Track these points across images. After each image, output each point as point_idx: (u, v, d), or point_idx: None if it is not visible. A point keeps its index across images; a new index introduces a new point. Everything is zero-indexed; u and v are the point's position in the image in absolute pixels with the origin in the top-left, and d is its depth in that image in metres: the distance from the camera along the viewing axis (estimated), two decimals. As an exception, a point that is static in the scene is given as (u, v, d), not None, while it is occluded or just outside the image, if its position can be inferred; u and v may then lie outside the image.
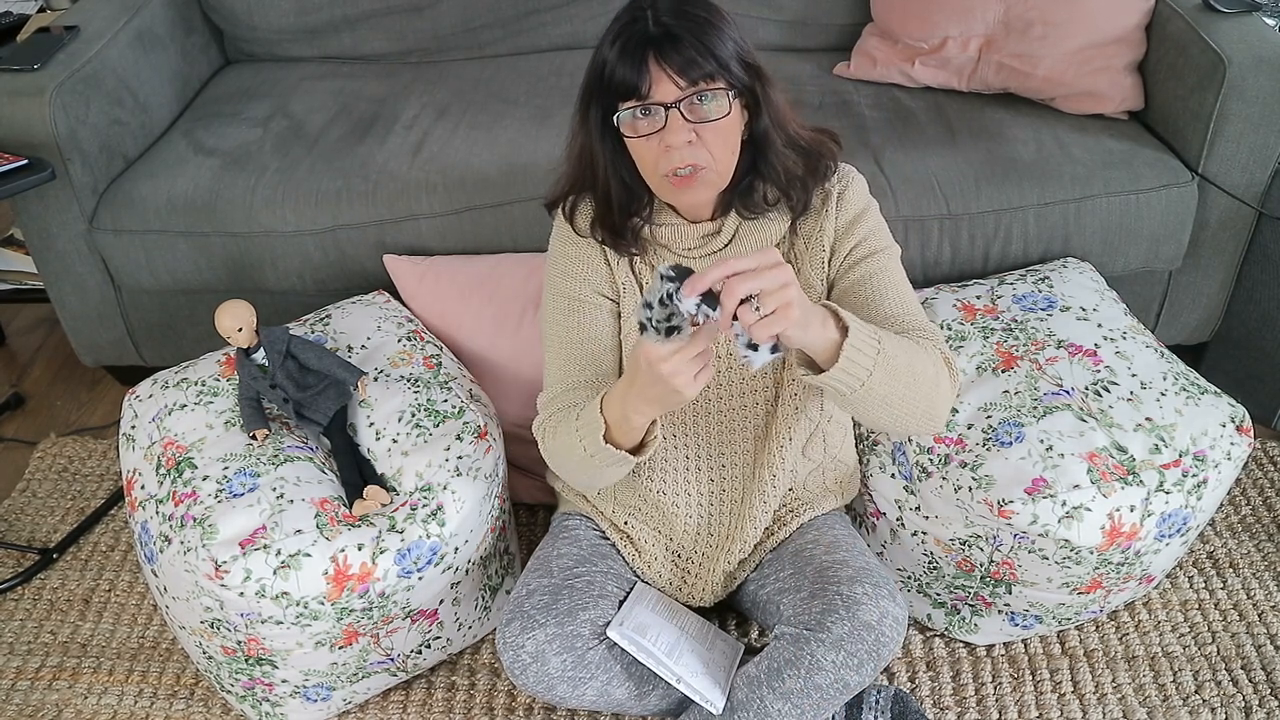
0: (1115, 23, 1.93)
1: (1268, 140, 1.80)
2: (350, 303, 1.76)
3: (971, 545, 1.49)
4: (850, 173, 1.37)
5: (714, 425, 1.42)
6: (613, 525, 1.50)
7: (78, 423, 2.19)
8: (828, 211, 1.34)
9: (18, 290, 2.33)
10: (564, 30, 2.30)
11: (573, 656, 1.31)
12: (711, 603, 1.52)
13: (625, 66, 1.18)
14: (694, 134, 1.19)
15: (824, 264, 1.34)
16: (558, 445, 1.32)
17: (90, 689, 1.65)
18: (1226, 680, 1.58)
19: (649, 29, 1.17)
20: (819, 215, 1.34)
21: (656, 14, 1.18)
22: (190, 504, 1.40)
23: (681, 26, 1.17)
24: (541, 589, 1.37)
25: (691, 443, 1.43)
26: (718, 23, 1.19)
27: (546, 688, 1.32)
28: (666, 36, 1.17)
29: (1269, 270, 1.91)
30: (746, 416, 1.41)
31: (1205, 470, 1.46)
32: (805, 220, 1.35)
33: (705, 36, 1.17)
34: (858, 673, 1.26)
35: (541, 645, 1.30)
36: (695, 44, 1.17)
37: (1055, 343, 1.60)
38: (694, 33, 1.17)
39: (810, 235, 1.35)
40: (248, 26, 2.29)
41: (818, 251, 1.34)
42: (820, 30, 2.25)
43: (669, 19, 1.18)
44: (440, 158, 1.91)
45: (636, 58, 1.17)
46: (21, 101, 1.81)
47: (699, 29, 1.18)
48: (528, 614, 1.33)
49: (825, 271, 1.35)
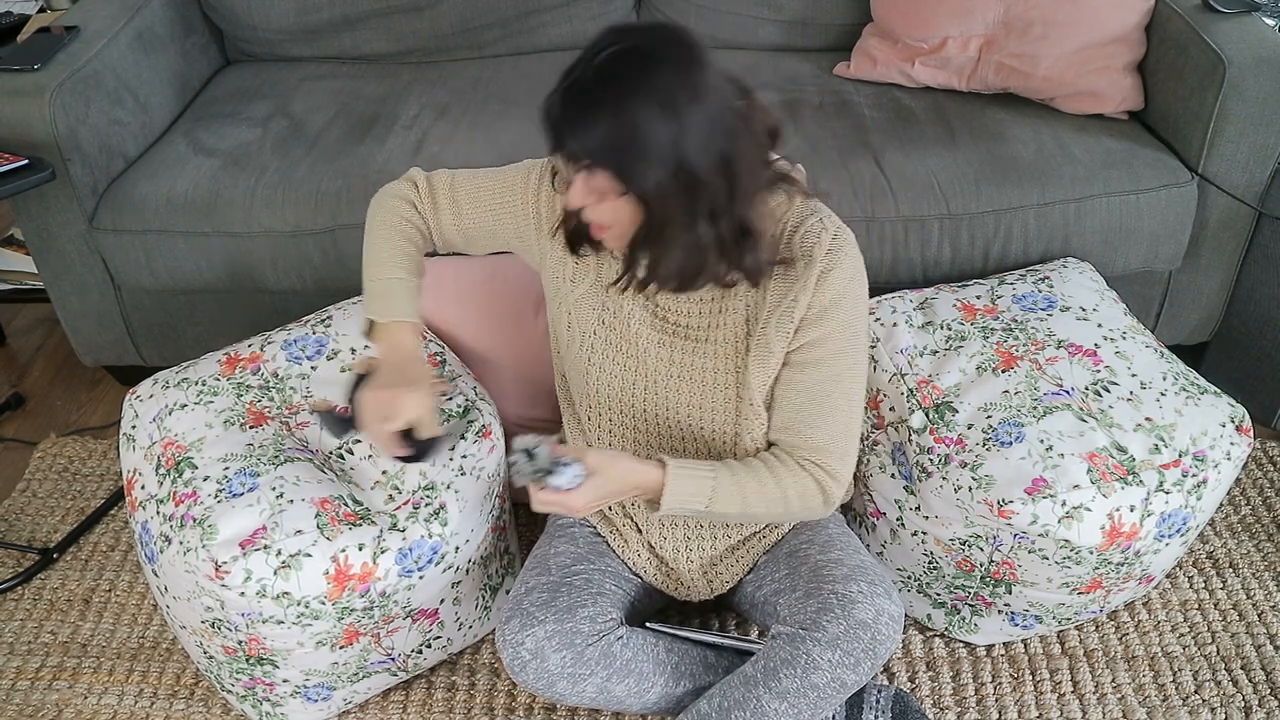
0: (1115, 23, 1.93)
1: (1268, 140, 1.80)
2: (350, 303, 1.76)
3: (971, 545, 1.49)
4: (841, 246, 1.26)
5: (671, 428, 1.41)
6: (602, 516, 1.51)
7: (78, 423, 2.19)
8: (805, 284, 1.25)
9: (18, 290, 2.33)
10: (564, 30, 2.30)
11: (572, 653, 1.32)
12: (699, 599, 1.53)
13: (551, 106, 1.10)
14: (593, 199, 1.15)
15: (789, 335, 1.27)
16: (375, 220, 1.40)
17: (90, 689, 1.65)
18: (1226, 680, 1.58)
19: (576, 76, 1.09)
20: (793, 281, 1.26)
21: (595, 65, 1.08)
22: (190, 504, 1.40)
23: (597, 94, 1.08)
24: (540, 586, 1.37)
25: (643, 440, 1.43)
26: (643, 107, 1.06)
27: (546, 685, 1.32)
28: (582, 93, 1.09)
29: (1269, 270, 1.91)
30: (704, 420, 1.38)
31: (1205, 470, 1.46)
32: (781, 272, 1.27)
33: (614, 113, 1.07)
34: (854, 671, 1.26)
35: (541, 642, 1.31)
36: (596, 120, 1.08)
37: (1055, 343, 1.60)
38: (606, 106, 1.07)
39: (781, 298, 1.27)
40: (248, 26, 2.29)
41: (786, 321, 1.26)
42: (820, 30, 2.25)
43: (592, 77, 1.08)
44: (440, 158, 1.91)
45: (557, 104, 1.10)
46: (21, 101, 1.81)
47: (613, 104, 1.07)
48: (527, 611, 1.33)
49: (788, 343, 1.28)
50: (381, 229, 1.39)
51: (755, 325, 1.30)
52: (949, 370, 1.59)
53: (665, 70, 1.08)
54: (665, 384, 1.37)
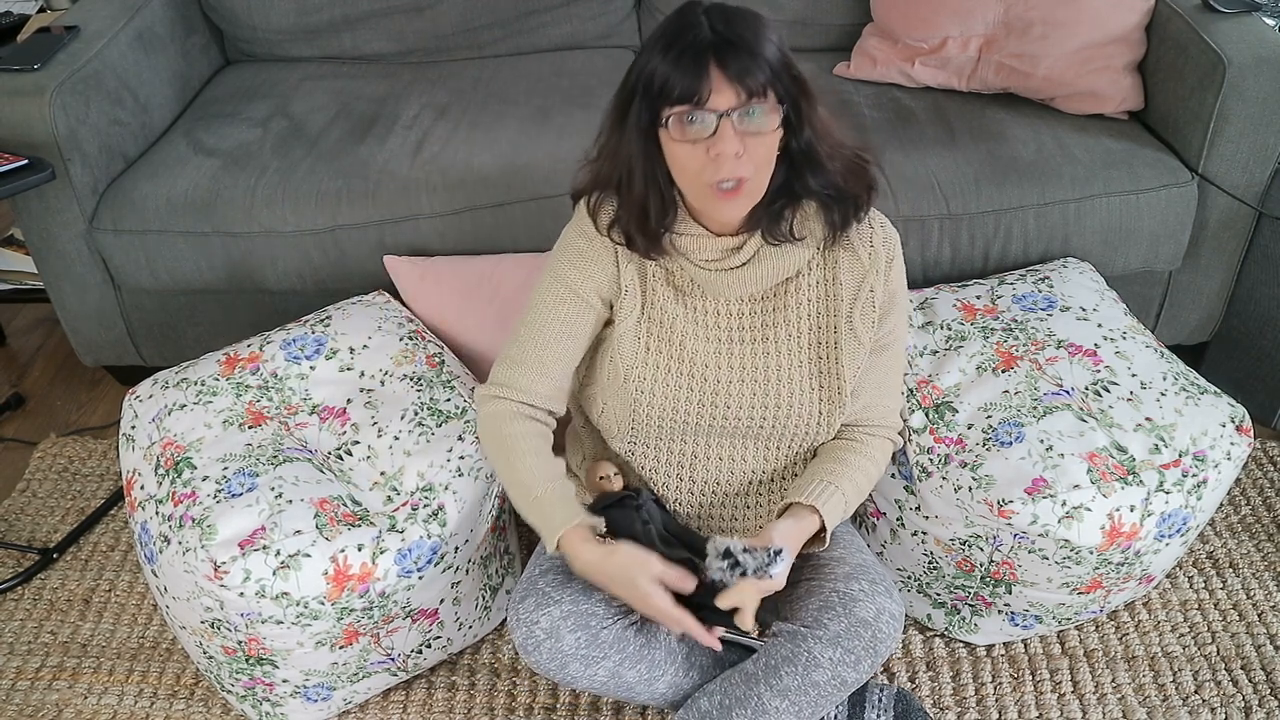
0: (1115, 23, 1.93)
1: (1268, 140, 1.80)
2: (350, 303, 1.76)
3: (971, 545, 1.49)
4: (889, 231, 1.37)
5: (744, 433, 1.40)
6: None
7: (78, 423, 2.19)
8: (878, 271, 1.34)
9: (18, 290, 2.33)
10: (564, 30, 2.30)
11: (587, 634, 1.30)
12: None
13: (683, 70, 1.16)
14: (741, 145, 1.19)
15: (874, 323, 1.35)
16: (487, 439, 1.39)
17: (90, 689, 1.65)
18: (1226, 680, 1.58)
19: (706, 35, 1.17)
20: (866, 271, 1.34)
21: (711, 21, 1.18)
22: (189, 504, 1.40)
23: (737, 35, 1.17)
24: (555, 567, 1.35)
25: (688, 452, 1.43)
26: (770, 35, 1.20)
27: (559, 665, 1.30)
28: (725, 43, 1.16)
29: (1269, 270, 1.91)
30: (780, 419, 1.38)
31: (1205, 470, 1.46)
32: (847, 264, 1.34)
33: (760, 47, 1.17)
34: (855, 669, 1.26)
35: (556, 622, 1.29)
36: (751, 54, 1.16)
37: (1055, 343, 1.60)
38: (750, 43, 1.17)
39: (860, 287, 1.34)
40: (248, 26, 2.29)
41: (869, 309, 1.35)
42: (820, 30, 2.25)
43: (723, 27, 1.17)
44: (440, 158, 1.91)
45: (697, 63, 1.16)
46: (21, 101, 1.81)
47: (754, 39, 1.17)
48: (542, 591, 1.32)
49: (874, 332, 1.36)
50: (500, 456, 1.36)
51: (834, 318, 1.34)
52: (949, 370, 1.59)
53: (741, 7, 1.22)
54: (727, 389, 1.36)
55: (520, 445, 1.35)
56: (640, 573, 1.24)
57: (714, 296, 1.34)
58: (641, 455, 1.43)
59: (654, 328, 1.35)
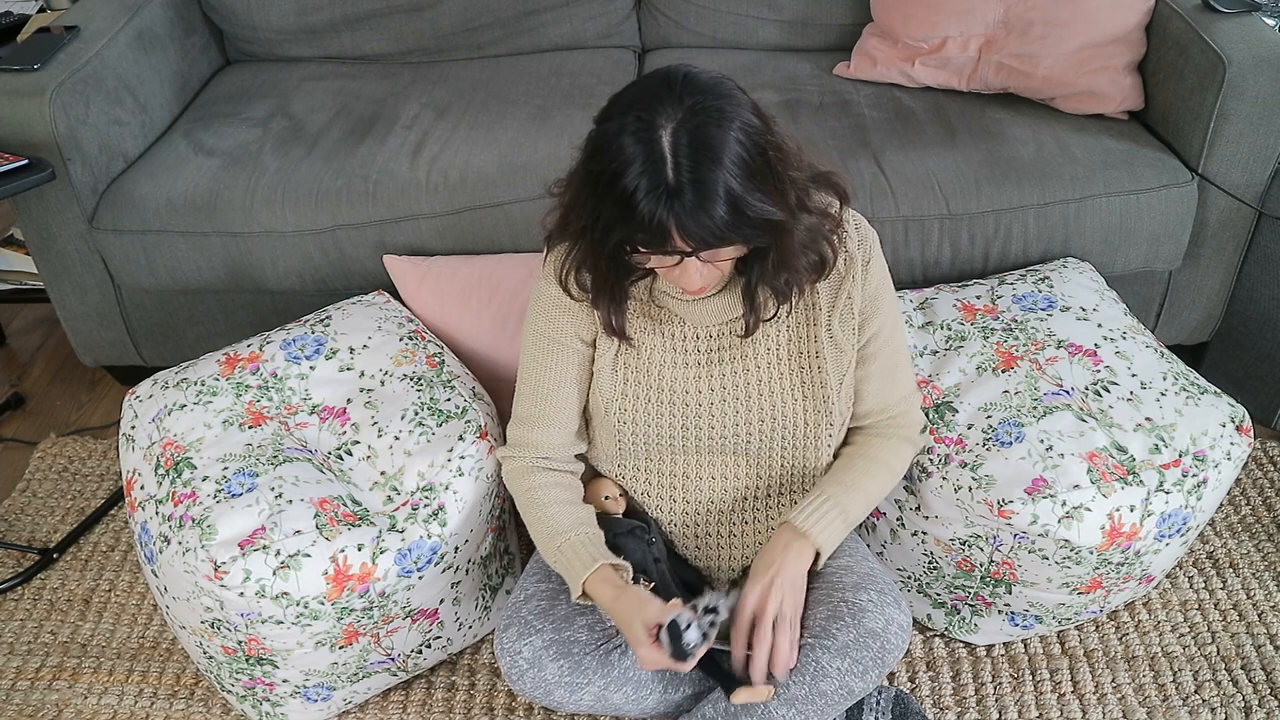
0: (1115, 23, 1.93)
1: (1268, 140, 1.80)
2: (350, 303, 1.76)
3: (971, 545, 1.49)
4: (863, 231, 1.33)
5: (731, 451, 1.40)
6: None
7: (78, 423, 2.19)
8: (854, 277, 1.31)
9: (18, 290, 2.33)
10: (564, 30, 2.30)
11: (569, 662, 1.32)
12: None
13: (645, 232, 1.10)
14: (706, 266, 1.18)
15: (854, 330, 1.33)
16: (521, 504, 1.40)
17: (90, 689, 1.65)
18: (1226, 680, 1.58)
19: (666, 187, 1.07)
20: (843, 278, 1.32)
21: (677, 161, 1.07)
22: (189, 504, 1.40)
23: (699, 181, 1.07)
24: (539, 594, 1.37)
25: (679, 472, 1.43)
26: (734, 168, 1.08)
27: (544, 693, 1.32)
28: (685, 209, 1.08)
29: (1269, 270, 1.91)
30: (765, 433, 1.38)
31: (1205, 470, 1.46)
32: (824, 283, 1.32)
33: (723, 191, 1.08)
34: (863, 679, 1.26)
35: (538, 651, 1.31)
36: (710, 214, 1.08)
37: (1055, 343, 1.60)
38: (712, 189, 1.07)
39: (837, 295, 1.32)
40: (248, 26, 2.29)
41: (849, 317, 1.33)
42: (820, 30, 2.25)
43: (689, 174, 1.07)
44: (440, 158, 1.91)
45: (660, 229, 1.09)
46: (21, 101, 1.81)
47: (715, 183, 1.07)
48: (524, 619, 1.33)
49: (855, 337, 1.34)
50: (524, 510, 1.40)
51: (813, 328, 1.33)
52: (949, 370, 1.59)
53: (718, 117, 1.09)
54: (709, 410, 1.36)
55: (539, 496, 1.38)
56: (634, 616, 1.24)
57: (691, 323, 1.34)
58: (632, 478, 1.44)
59: (630, 359, 1.36)
